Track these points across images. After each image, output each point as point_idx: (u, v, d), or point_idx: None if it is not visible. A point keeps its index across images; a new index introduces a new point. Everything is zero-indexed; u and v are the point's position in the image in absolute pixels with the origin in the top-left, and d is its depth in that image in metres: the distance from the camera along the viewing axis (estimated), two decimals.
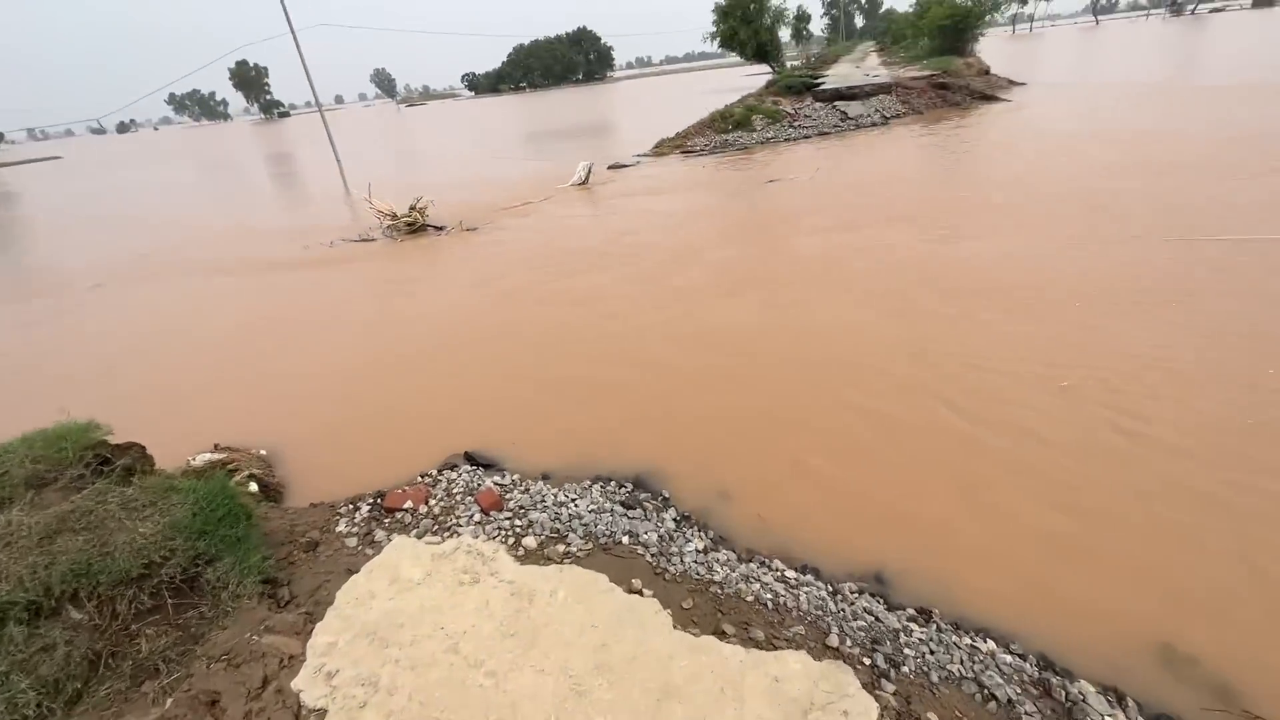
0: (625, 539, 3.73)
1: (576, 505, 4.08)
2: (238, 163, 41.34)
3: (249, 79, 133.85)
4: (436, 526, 3.90)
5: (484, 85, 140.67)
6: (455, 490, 4.38)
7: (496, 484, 4.45)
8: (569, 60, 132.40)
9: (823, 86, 24.72)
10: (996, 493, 4.12)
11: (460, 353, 7.26)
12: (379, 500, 4.25)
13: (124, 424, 4.13)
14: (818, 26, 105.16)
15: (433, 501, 4.22)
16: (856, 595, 3.34)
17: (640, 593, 3.21)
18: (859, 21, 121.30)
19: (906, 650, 2.93)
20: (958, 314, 6.65)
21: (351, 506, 4.24)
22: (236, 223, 17.71)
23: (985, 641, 3.03)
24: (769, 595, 3.27)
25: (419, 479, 4.67)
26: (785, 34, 41.41)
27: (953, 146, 16.46)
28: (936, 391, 5.30)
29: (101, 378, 7.61)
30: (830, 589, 3.40)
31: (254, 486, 4.64)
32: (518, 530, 3.82)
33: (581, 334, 7.35)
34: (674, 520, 4.01)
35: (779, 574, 3.51)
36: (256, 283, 11.17)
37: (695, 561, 3.52)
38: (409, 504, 4.10)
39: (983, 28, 34.85)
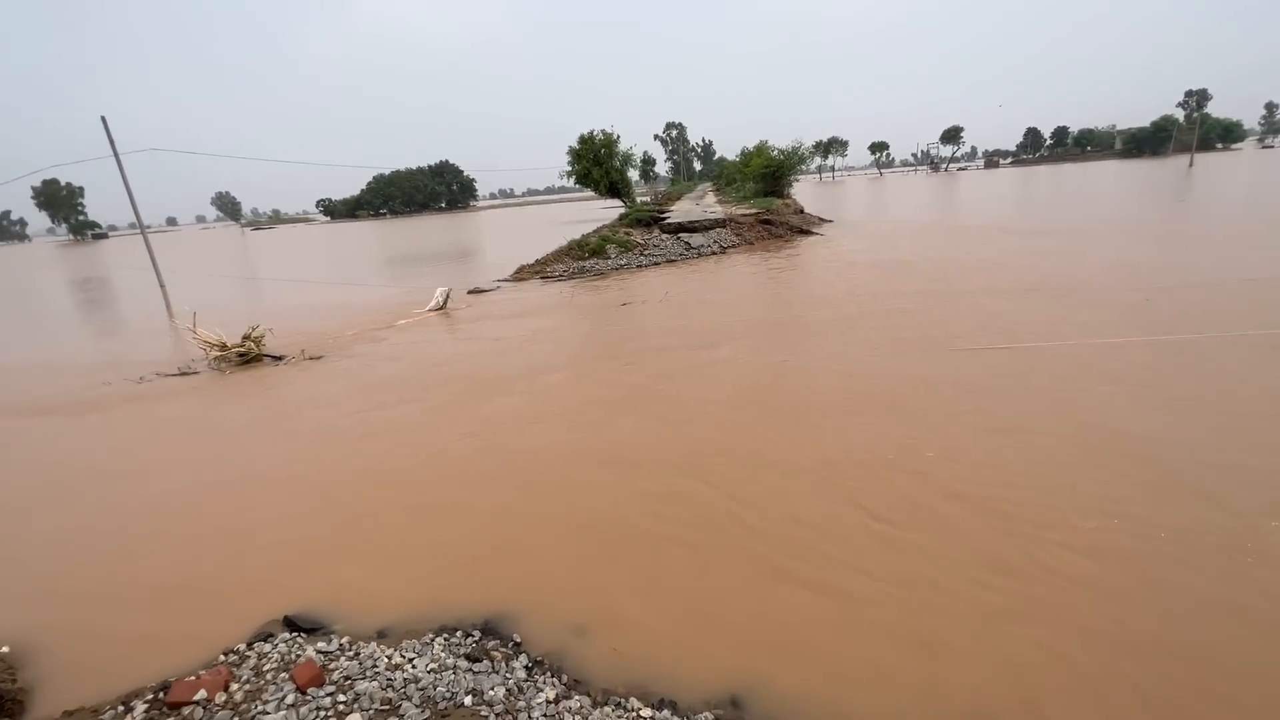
0: (468, 699, 3.37)
1: (414, 666, 3.65)
2: (36, 287, 35.95)
3: (59, 199, 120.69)
4: (235, 718, 3.27)
5: (341, 211, 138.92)
6: (267, 667, 3.75)
7: (321, 652, 3.88)
8: (431, 189, 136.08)
9: (668, 220, 27.54)
10: (830, 598, 4.35)
11: (277, 499, 6.48)
12: (161, 694, 3.50)
13: None
14: (662, 168, 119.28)
15: (235, 686, 3.56)
16: None
17: None
18: (697, 165, 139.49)
19: None
20: (752, 421, 7.29)
21: (122, 708, 3.46)
22: (17, 355, 15.09)
23: None
24: None
25: (221, 658, 3.95)
26: (634, 174, 46.38)
27: (778, 273, 18.85)
28: (730, 494, 5.64)
29: None
30: None
31: None
32: (340, 708, 3.32)
33: (428, 466, 6.97)
34: (525, 669, 3.72)
35: (634, 715, 3.34)
36: (25, 428, 9.40)
37: (544, 715, 3.26)
38: (201, 694, 3.42)
39: (795, 174, 41.58)
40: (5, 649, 4.27)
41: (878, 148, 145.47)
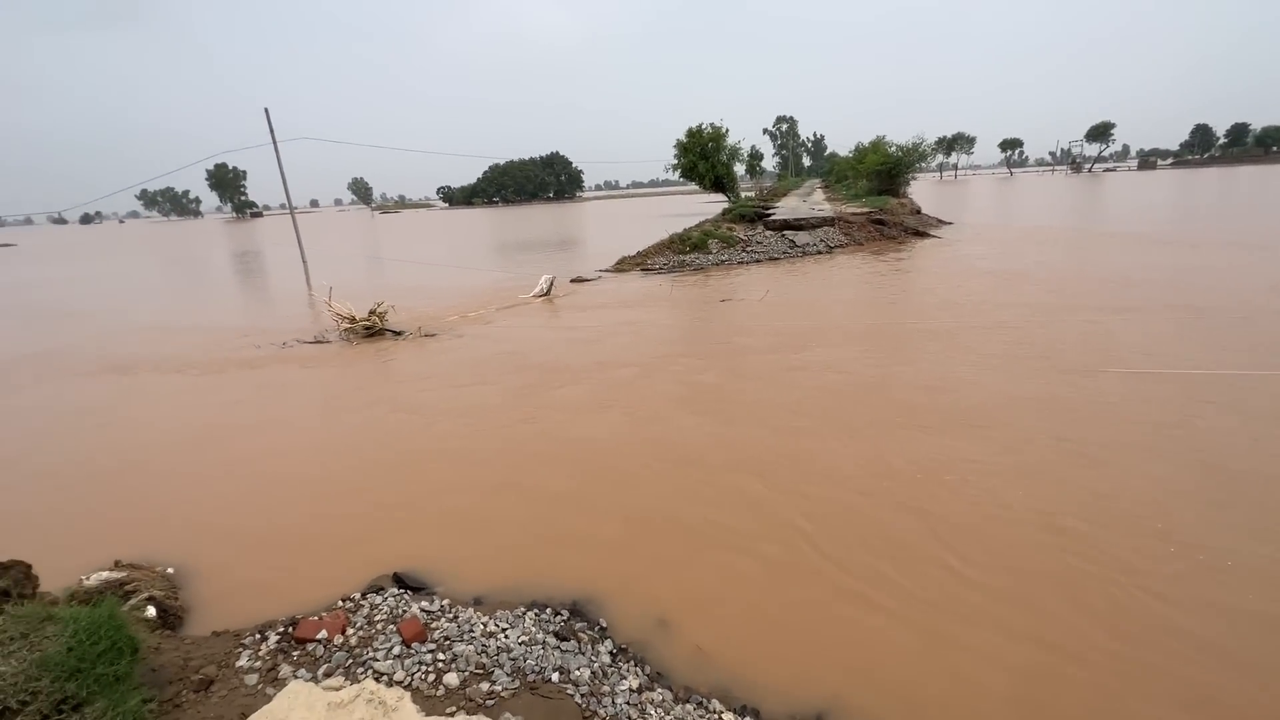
0: (555, 676, 3.49)
1: (506, 636, 3.83)
2: (205, 258, 41.29)
3: (226, 180, 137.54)
4: (350, 660, 3.58)
5: (459, 198, 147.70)
6: (377, 617, 4.07)
7: (424, 610, 4.16)
8: (541, 180, 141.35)
9: (773, 216, 26.88)
10: (909, 628, 4.07)
11: (395, 465, 7.00)
12: (290, 629, 3.91)
13: (18, 535, 3.79)
14: (769, 163, 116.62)
15: (350, 631, 3.90)
16: None
17: None
18: (806, 161, 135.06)
19: None
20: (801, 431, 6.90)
21: (259, 636, 3.88)
22: (188, 318, 17.40)
23: None
24: None
25: (340, 603, 4.34)
26: (740, 168, 45.56)
27: (883, 277, 17.86)
28: (796, 506, 5.38)
29: (16, 484, 7.01)
30: None
31: (151, 611, 4.22)
32: (440, 665, 3.54)
33: (532, 449, 7.26)
34: (609, 654, 3.80)
35: (716, 717, 3.31)
36: (189, 383, 10.79)
37: (628, 703, 3.30)
38: (323, 634, 3.78)
39: (913, 172, 39.13)
40: (170, 570, 4.95)
41: (1009, 145, 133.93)
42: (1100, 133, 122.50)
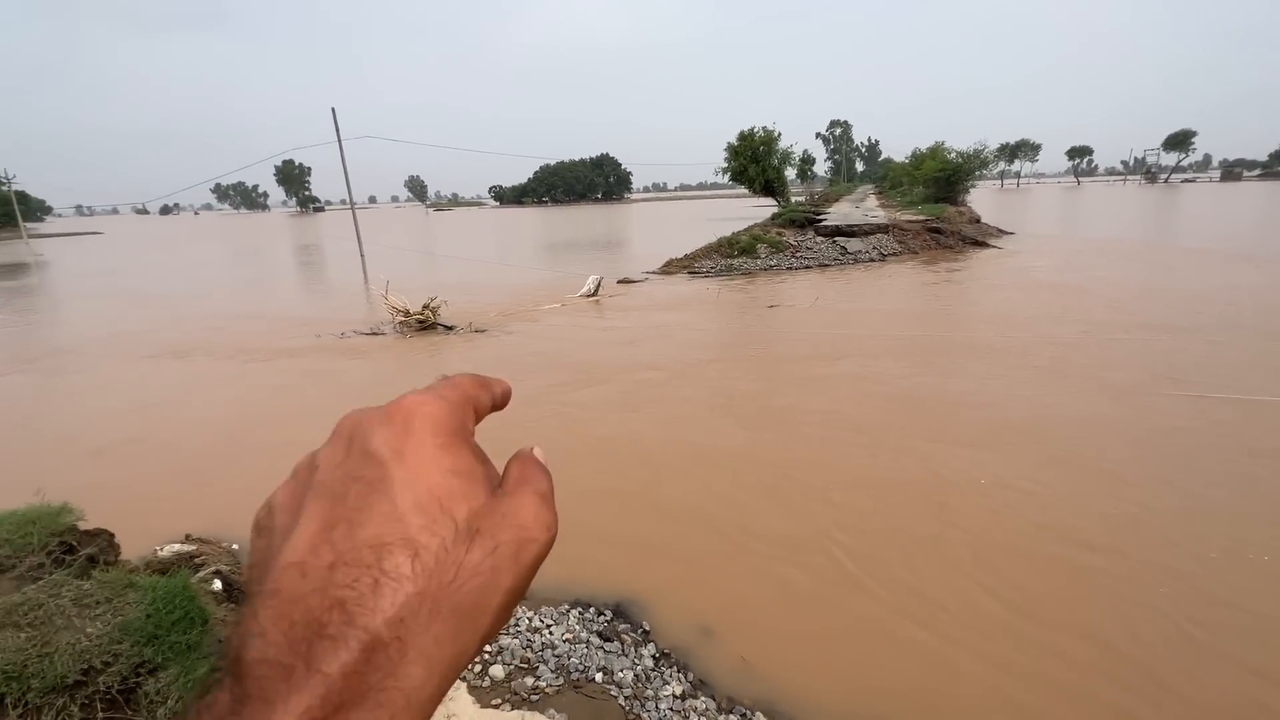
0: (599, 676, 3.49)
1: (551, 633, 3.86)
2: (270, 249, 43.40)
3: (292, 176, 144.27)
4: None
5: (509, 197, 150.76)
6: None
7: None
8: (590, 180, 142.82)
9: (824, 222, 26.37)
10: (956, 660, 3.90)
11: None
12: None
13: (100, 506, 4.04)
14: (821, 168, 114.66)
15: None
16: None
17: None
18: (859, 166, 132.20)
19: None
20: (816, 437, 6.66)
21: None
22: (253, 307, 18.29)
23: None
24: None
25: None
26: (791, 173, 44.90)
27: (935, 287, 17.28)
28: (825, 522, 5.19)
29: (83, 456, 7.51)
30: None
31: (217, 584, 4.43)
32: (485, 657, 3.60)
33: (564, 447, 7.32)
34: (652, 658, 3.78)
35: None
36: (259, 369, 11.31)
37: (671, 709, 3.28)
38: None
39: (973, 180, 37.77)
40: (235, 546, 5.19)
41: (1078, 153, 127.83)
42: (1179, 141, 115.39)
